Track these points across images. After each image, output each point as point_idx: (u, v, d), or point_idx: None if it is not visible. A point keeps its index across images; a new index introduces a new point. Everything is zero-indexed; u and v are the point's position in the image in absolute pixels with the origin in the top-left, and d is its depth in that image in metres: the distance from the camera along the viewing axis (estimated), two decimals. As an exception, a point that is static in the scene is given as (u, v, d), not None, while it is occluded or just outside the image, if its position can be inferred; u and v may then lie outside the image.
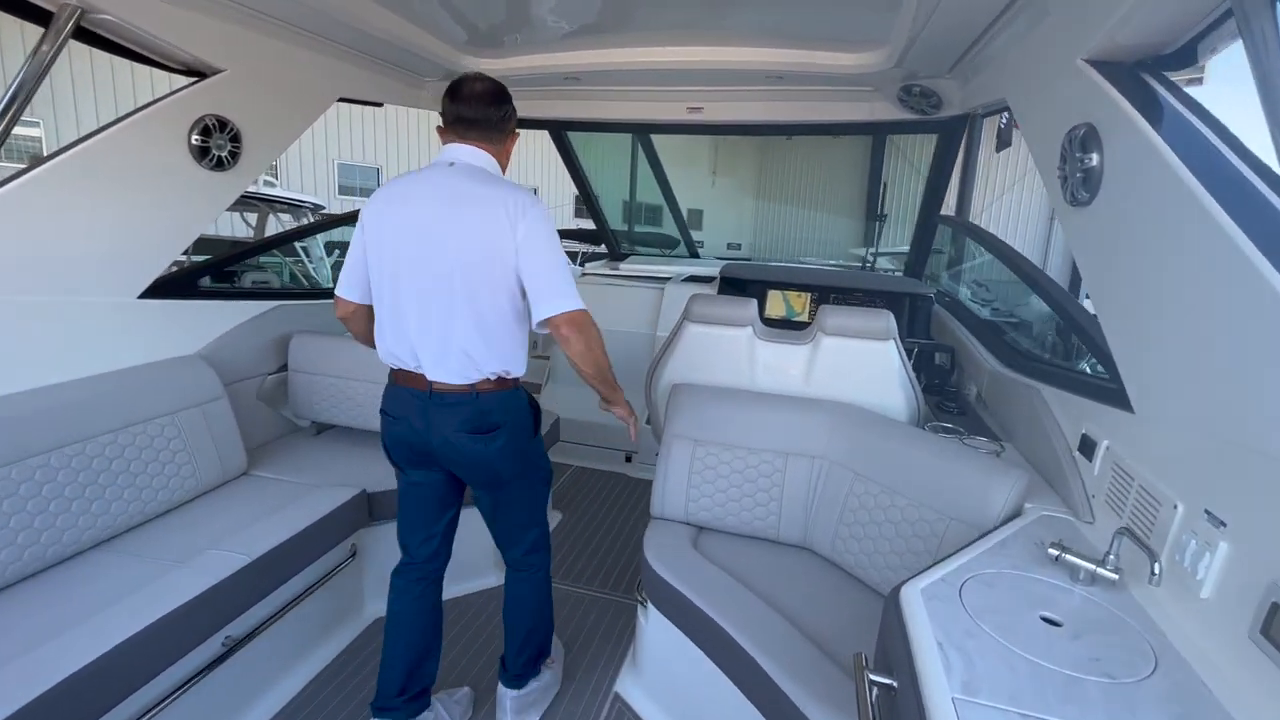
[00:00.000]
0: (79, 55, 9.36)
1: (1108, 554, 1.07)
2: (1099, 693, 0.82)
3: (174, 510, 1.88)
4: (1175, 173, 1.05)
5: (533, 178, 17.33)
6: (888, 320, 1.90)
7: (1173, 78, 1.27)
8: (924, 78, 2.37)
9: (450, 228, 1.40)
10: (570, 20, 2.30)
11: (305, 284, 6.93)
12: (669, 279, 3.72)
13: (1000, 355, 2.20)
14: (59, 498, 1.59)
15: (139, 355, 1.93)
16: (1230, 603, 0.93)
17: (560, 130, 3.50)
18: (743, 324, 2.02)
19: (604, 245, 4.71)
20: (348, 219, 4.64)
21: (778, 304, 3.24)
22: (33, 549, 1.52)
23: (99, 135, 1.73)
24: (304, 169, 13.13)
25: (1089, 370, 1.83)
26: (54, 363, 1.71)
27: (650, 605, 1.76)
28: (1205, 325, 1.03)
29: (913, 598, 1.01)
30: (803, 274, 3.43)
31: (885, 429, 1.75)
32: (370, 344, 1.60)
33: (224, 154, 2.03)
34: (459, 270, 1.40)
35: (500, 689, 1.78)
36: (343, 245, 8.91)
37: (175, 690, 1.42)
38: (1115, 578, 1.06)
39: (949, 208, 3.44)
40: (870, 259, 4.41)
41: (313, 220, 7.02)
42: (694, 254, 4.72)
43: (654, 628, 1.77)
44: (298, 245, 6.85)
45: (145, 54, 1.86)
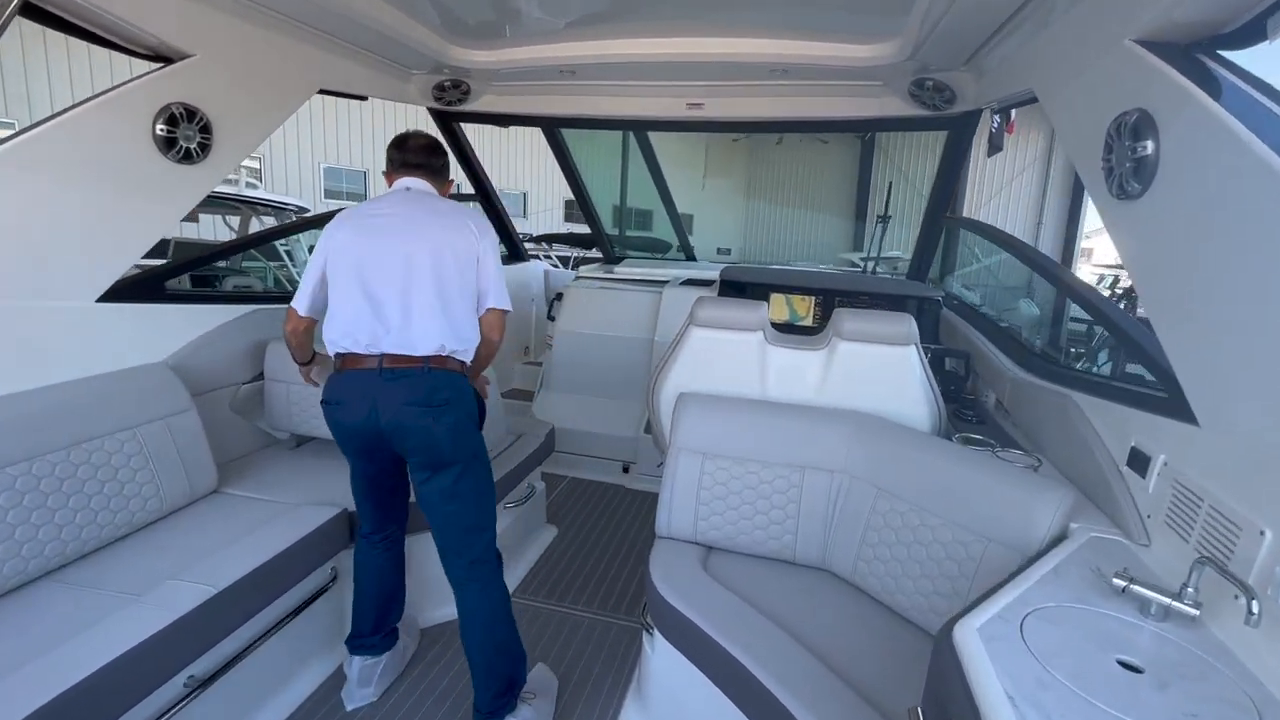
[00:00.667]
0: (70, 54, 9.07)
1: (1185, 586, 0.95)
2: None
3: (135, 534, 1.72)
4: (1256, 156, 0.94)
5: (522, 182, 17.19)
6: (909, 324, 1.78)
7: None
8: (937, 71, 2.27)
9: (423, 223, 1.63)
10: (567, 10, 2.17)
11: (289, 289, 6.75)
12: (666, 283, 3.59)
13: (1022, 361, 2.09)
14: (1, 524, 1.43)
15: (97, 364, 1.77)
16: None
17: (554, 127, 3.37)
18: (752, 328, 1.90)
19: (597, 249, 4.58)
20: (321, 220, 4.47)
21: (780, 308, 3.12)
22: (-33, 582, 1.36)
23: (51, 122, 1.58)
24: (289, 173, 12.90)
25: (1116, 374, 1.73)
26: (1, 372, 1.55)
27: (657, 632, 1.62)
28: None
29: (970, 639, 0.88)
30: (806, 277, 3.32)
31: (911, 441, 1.62)
32: (301, 357, 1.85)
33: (193, 146, 1.88)
34: (429, 255, 1.59)
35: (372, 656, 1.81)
36: (328, 249, 8.73)
37: None
38: (1195, 613, 0.93)
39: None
40: (870, 262, 4.30)
41: (296, 220, 6.84)
42: (690, 257, 4.60)
43: (661, 657, 1.63)
44: (281, 249, 6.67)
45: (104, 35, 1.70)
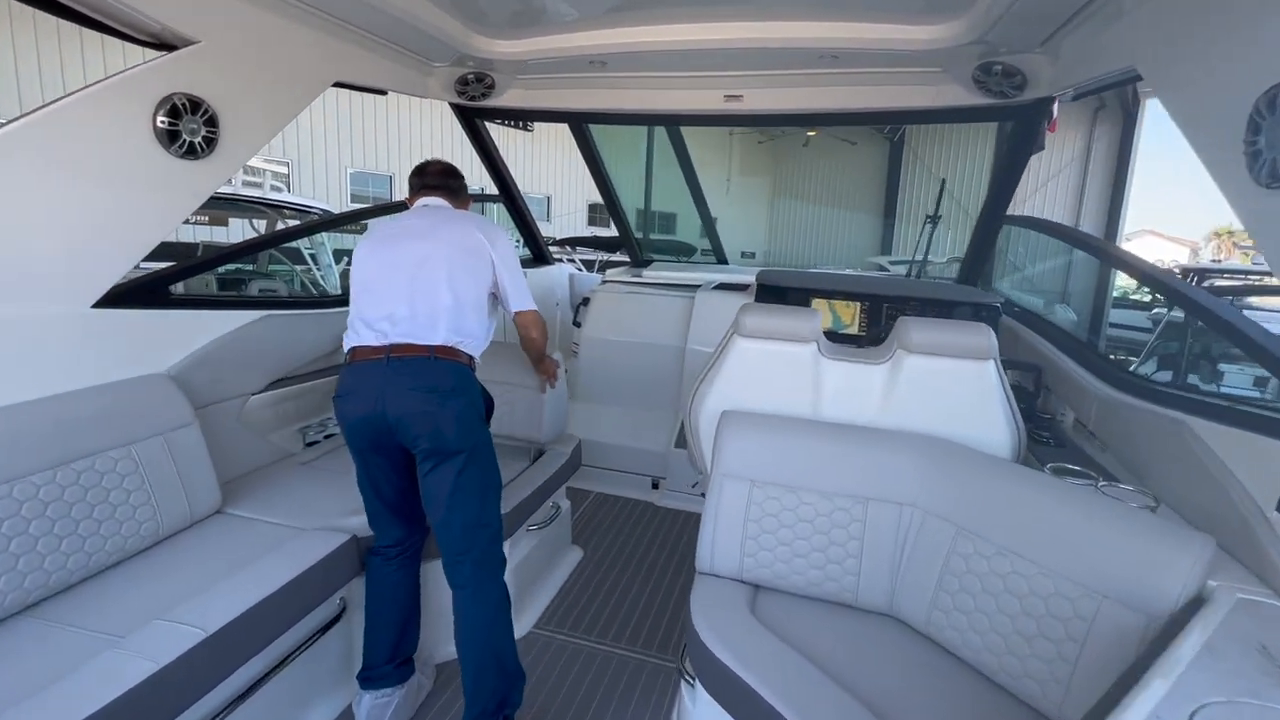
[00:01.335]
0: (85, 49, 9.17)
1: None
2: None
3: (127, 561, 1.58)
4: None
5: (545, 185, 17.15)
6: (987, 336, 1.57)
7: None
8: (1008, 54, 2.04)
9: (436, 227, 1.73)
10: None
11: (314, 291, 6.70)
12: (699, 287, 3.40)
13: (1109, 378, 1.85)
14: (-26, 554, 1.29)
15: (91, 376, 1.63)
16: None
17: (582, 123, 3.20)
18: (805, 339, 1.69)
19: (622, 252, 4.40)
20: (336, 220, 4.36)
21: (823, 314, 2.91)
22: (-66, 621, 1.22)
23: (39, 112, 1.44)
24: (315, 177, 12.99)
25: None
26: None
27: (698, 684, 1.43)
28: None
29: None
30: (850, 281, 3.09)
31: (996, 471, 1.41)
32: None
33: (197, 140, 1.74)
34: (441, 254, 1.66)
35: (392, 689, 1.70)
36: (350, 254, 8.73)
37: None
38: None
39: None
40: (916, 265, 4.05)
41: (321, 218, 6.78)
42: (722, 260, 4.40)
43: (703, 713, 1.43)
44: (305, 252, 6.62)
45: (101, 20, 1.57)
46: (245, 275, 6.22)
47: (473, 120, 3.12)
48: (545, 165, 16.91)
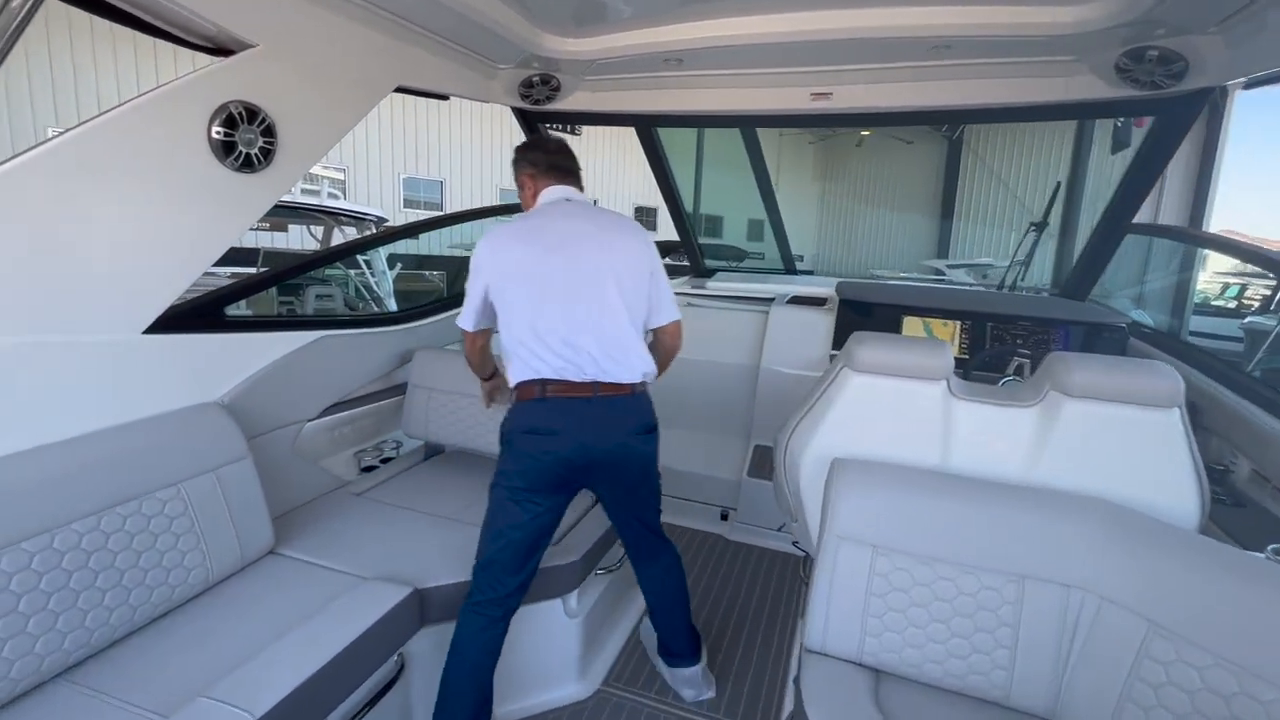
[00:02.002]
0: (142, 60, 9.51)
1: None
2: None
3: (174, 612, 1.44)
4: None
5: (591, 188, 17.08)
6: (1171, 379, 1.29)
7: None
8: (1168, 35, 1.73)
9: (601, 240, 1.57)
10: None
11: (368, 296, 6.73)
12: (772, 300, 3.15)
13: None
14: (12, 613, 1.16)
15: (142, 407, 1.51)
16: None
17: (650, 126, 3.00)
18: (934, 376, 1.44)
19: (673, 258, 4.16)
20: (398, 232, 4.28)
21: (915, 333, 2.62)
22: (-35, 692, 1.09)
23: (88, 125, 1.32)
24: (370, 183, 13.24)
25: None
26: (26, 424, 1.30)
27: None
28: None
29: None
30: (946, 296, 2.79)
31: (1201, 553, 1.13)
32: (484, 371, 1.91)
33: (254, 151, 1.61)
34: (612, 278, 1.54)
35: (681, 671, 1.85)
36: (405, 259, 8.79)
37: None
38: None
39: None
40: (1013, 276, 3.70)
41: (375, 232, 6.82)
42: (791, 270, 4.12)
43: None
44: (359, 257, 6.66)
45: (156, 23, 1.45)
46: (303, 281, 6.28)
47: (535, 126, 2.95)
48: (591, 168, 16.87)
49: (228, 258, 1.66)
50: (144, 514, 1.40)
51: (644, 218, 17.99)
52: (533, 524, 1.54)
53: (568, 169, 1.72)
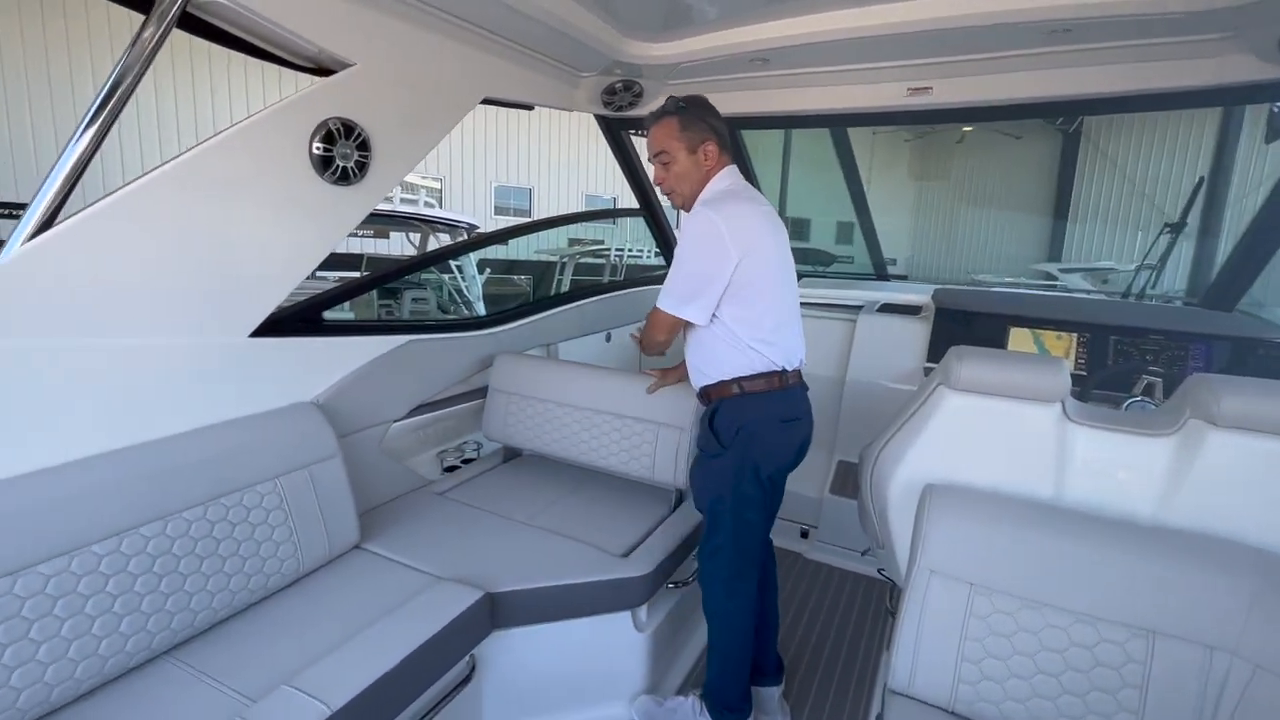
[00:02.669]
0: (264, 84, 10.42)
1: None
2: None
3: (267, 600, 1.53)
4: None
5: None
6: None
7: None
8: (1350, 2, 1.47)
9: (786, 240, 1.64)
10: None
11: (459, 299, 7.06)
12: (860, 308, 2.98)
13: None
14: (127, 593, 1.27)
15: (247, 405, 1.62)
16: None
17: (736, 129, 2.93)
18: (1047, 398, 1.29)
19: None
20: (485, 240, 4.43)
21: (1024, 347, 2.39)
22: (88, 662, 1.20)
23: (203, 145, 1.43)
24: (464, 192, 13.90)
25: None
26: (144, 418, 1.43)
27: None
28: None
29: None
30: (1057, 304, 2.54)
31: None
32: (655, 350, 1.73)
33: (350, 165, 1.69)
34: (793, 275, 1.65)
35: (764, 690, 1.83)
36: (493, 263, 9.15)
37: None
38: None
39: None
40: (1141, 282, 3.31)
41: (467, 239, 7.13)
42: (883, 275, 3.90)
43: None
44: (452, 263, 6.99)
45: (263, 46, 1.55)
46: (401, 286, 6.67)
47: (617, 132, 2.96)
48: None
49: (335, 262, 1.76)
50: (245, 505, 1.50)
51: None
52: (772, 511, 1.70)
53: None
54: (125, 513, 1.29)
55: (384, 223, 7.03)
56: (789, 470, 1.68)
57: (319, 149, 1.62)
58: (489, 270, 8.16)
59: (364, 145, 1.72)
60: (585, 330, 3.06)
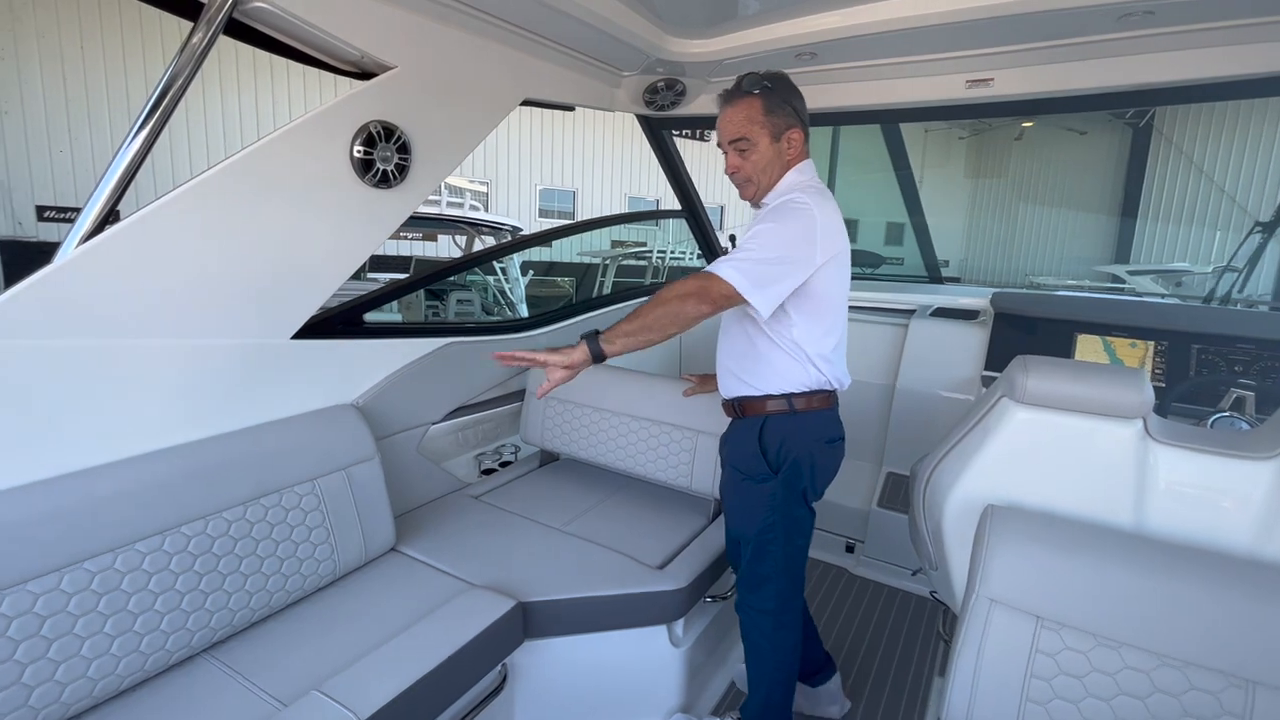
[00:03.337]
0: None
1: None
2: None
3: (303, 601, 1.54)
4: None
5: (719, 195, 16.92)
6: None
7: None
8: None
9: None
10: None
11: (502, 301, 7.15)
12: (912, 312, 2.85)
13: None
14: (169, 591, 1.29)
15: (289, 407, 1.64)
16: None
17: None
18: (1127, 414, 1.17)
19: None
20: (514, 245, 4.45)
21: (1093, 356, 2.23)
22: (129, 658, 1.22)
23: (249, 149, 1.45)
24: (509, 195, 14.10)
25: None
26: (190, 418, 1.45)
27: None
28: None
29: None
30: (1130, 309, 2.36)
31: None
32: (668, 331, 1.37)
33: (389, 168, 1.70)
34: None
35: (826, 687, 1.83)
36: (536, 265, 9.23)
37: None
38: None
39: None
40: (1226, 286, 3.06)
41: (510, 240, 7.22)
42: (936, 278, 3.73)
43: None
44: (496, 265, 7.08)
45: (307, 51, 1.57)
46: (446, 287, 6.80)
47: (658, 133, 2.91)
48: (720, 174, 16.70)
49: (385, 264, 1.76)
50: (283, 506, 1.51)
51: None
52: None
53: None
54: (168, 512, 1.31)
55: (431, 226, 7.19)
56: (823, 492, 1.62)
57: (360, 152, 1.63)
58: (532, 272, 8.24)
59: (404, 148, 1.72)
60: None
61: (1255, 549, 1.09)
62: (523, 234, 7.24)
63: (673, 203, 3.42)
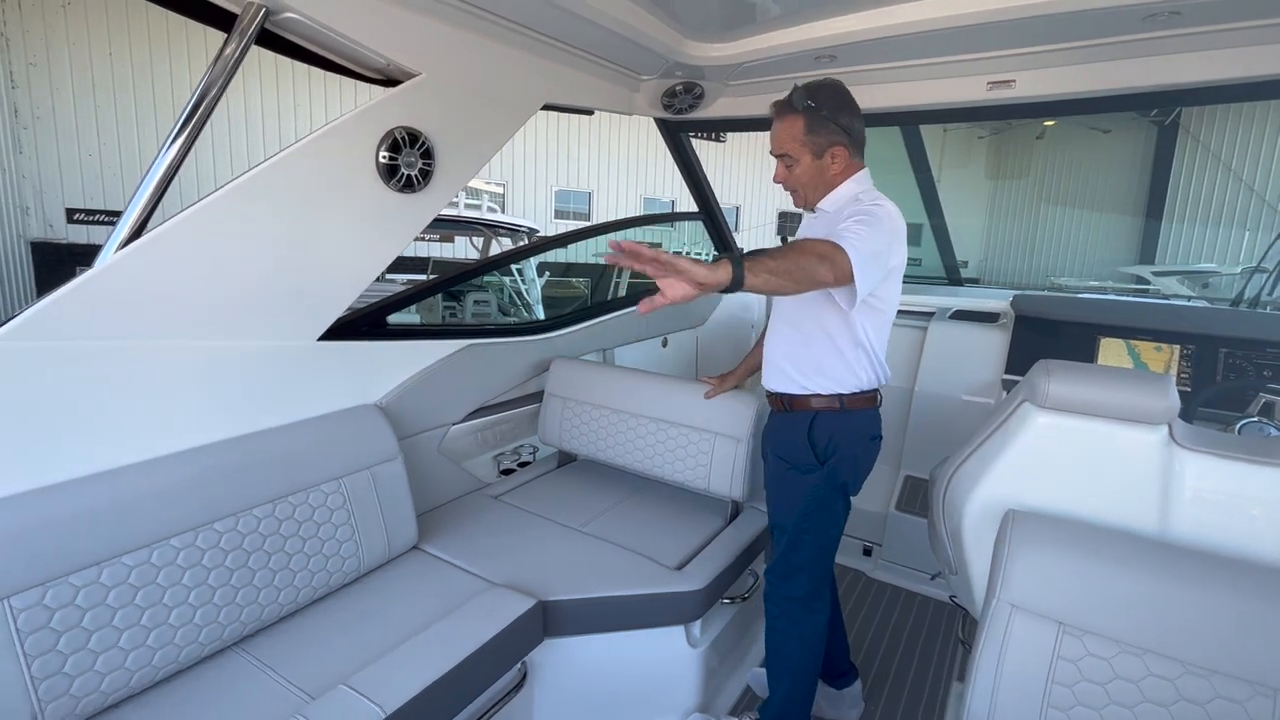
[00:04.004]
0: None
1: None
2: None
3: (328, 597, 1.58)
4: None
5: (735, 196, 16.90)
6: None
7: None
8: None
9: None
10: None
11: (519, 302, 7.21)
12: (931, 315, 2.83)
13: None
14: (201, 585, 1.33)
15: (315, 407, 1.68)
16: None
17: None
18: (1152, 419, 1.16)
19: None
20: (531, 248, 4.49)
21: (1116, 360, 2.20)
22: (165, 650, 1.26)
23: (279, 156, 1.49)
24: (525, 197, 14.19)
25: None
26: (223, 417, 1.49)
27: None
28: None
29: None
30: (1154, 312, 2.32)
31: None
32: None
33: (414, 173, 1.73)
34: None
35: (850, 690, 1.85)
36: (552, 267, 9.28)
37: None
38: None
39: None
40: (1256, 288, 3.00)
41: (527, 243, 7.27)
42: (956, 280, 3.70)
43: None
44: (513, 266, 7.15)
45: (336, 60, 1.60)
46: (464, 289, 6.87)
47: (677, 135, 2.92)
48: (735, 175, 16.68)
49: (402, 265, 1.80)
50: (310, 504, 1.54)
51: (790, 222, 17.46)
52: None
53: None
54: (202, 508, 1.35)
55: (448, 227, 7.27)
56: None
57: (385, 157, 1.66)
58: (548, 273, 8.29)
59: (428, 153, 1.75)
60: (641, 335, 3.04)
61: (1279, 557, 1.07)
62: (540, 235, 7.30)
63: (686, 203, 3.43)
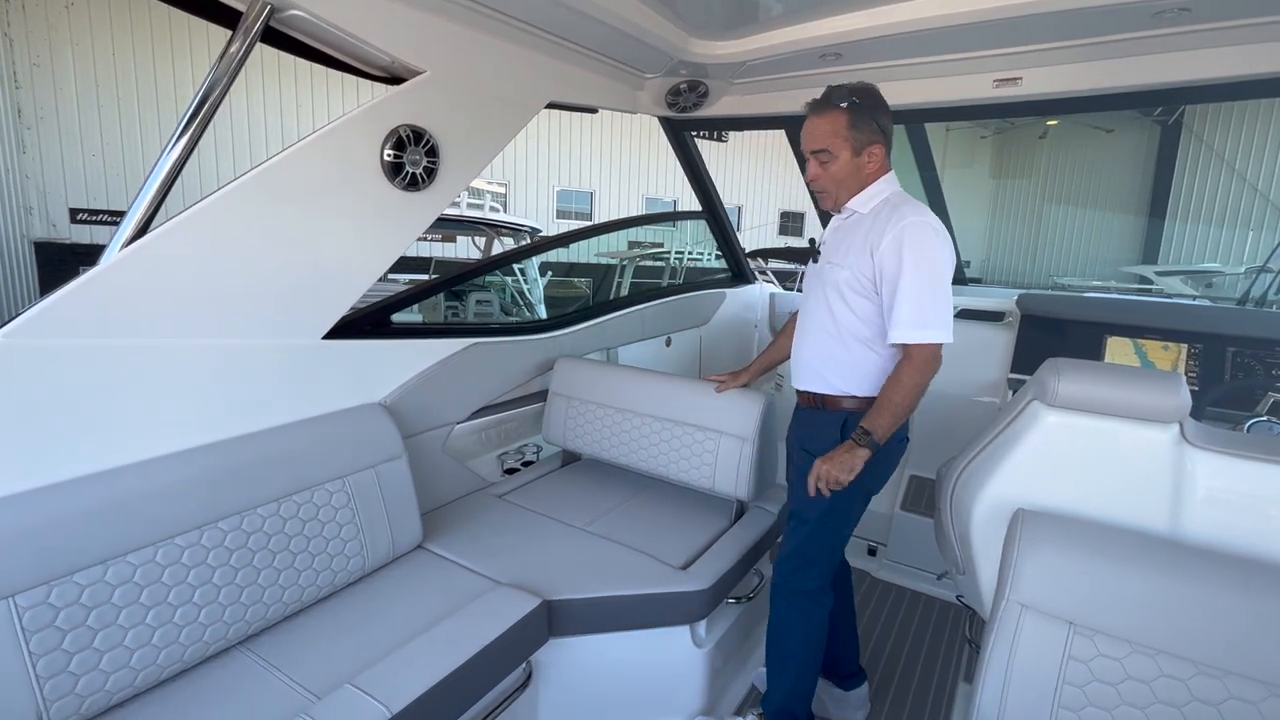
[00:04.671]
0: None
1: None
2: None
3: (334, 596, 1.57)
4: None
5: (737, 195, 16.89)
6: None
7: None
8: None
9: None
10: None
11: (521, 301, 7.20)
12: None
13: None
14: (206, 584, 1.32)
15: (319, 406, 1.67)
16: None
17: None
18: (1163, 418, 1.15)
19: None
20: (534, 248, 4.50)
21: (1123, 359, 2.19)
22: (169, 649, 1.26)
23: (283, 154, 1.48)
24: (528, 196, 14.19)
25: None
26: (228, 416, 1.49)
27: None
28: None
29: None
30: (1161, 311, 2.31)
31: None
32: None
33: (418, 171, 1.72)
34: None
35: (858, 691, 1.86)
36: (554, 266, 9.28)
37: None
38: None
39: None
40: (1261, 287, 2.99)
41: (529, 242, 7.27)
42: (959, 279, 3.69)
43: None
44: (515, 266, 7.14)
45: (340, 58, 1.60)
46: (467, 289, 6.86)
47: (680, 134, 2.92)
48: (737, 175, 16.67)
49: (404, 265, 1.79)
50: (315, 503, 1.54)
51: (791, 223, 17.45)
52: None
53: None
54: (206, 507, 1.34)
55: (451, 227, 7.26)
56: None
57: (390, 155, 1.65)
58: (550, 273, 8.28)
59: (432, 151, 1.74)
60: (645, 335, 3.03)
61: (1296, 558, 1.07)
62: (543, 235, 7.29)
63: (688, 202, 3.43)
